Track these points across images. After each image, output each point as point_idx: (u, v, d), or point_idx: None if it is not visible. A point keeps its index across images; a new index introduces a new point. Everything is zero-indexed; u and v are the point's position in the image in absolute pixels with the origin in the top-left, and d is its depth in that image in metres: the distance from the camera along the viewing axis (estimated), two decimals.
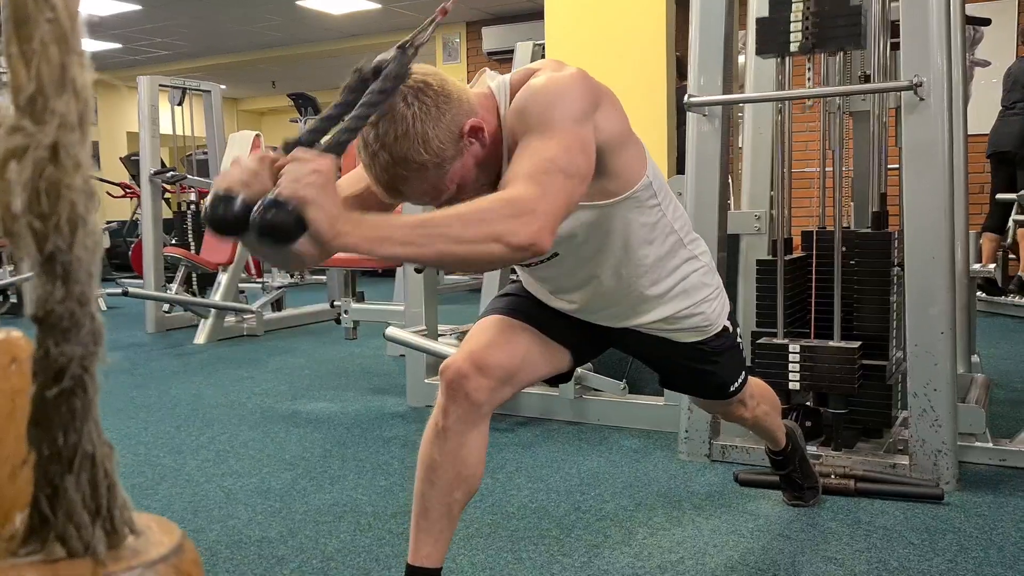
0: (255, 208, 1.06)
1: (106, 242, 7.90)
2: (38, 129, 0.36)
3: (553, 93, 1.33)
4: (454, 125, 1.32)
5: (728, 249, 2.80)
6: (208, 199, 1.11)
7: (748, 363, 2.65)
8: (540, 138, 1.28)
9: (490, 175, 1.40)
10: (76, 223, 0.38)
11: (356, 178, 1.46)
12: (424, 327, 3.49)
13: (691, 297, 1.64)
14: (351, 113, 1.20)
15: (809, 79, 2.66)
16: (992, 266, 3.54)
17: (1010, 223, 5.87)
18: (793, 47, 2.48)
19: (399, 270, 4.53)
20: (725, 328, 1.73)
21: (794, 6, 2.48)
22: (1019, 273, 5.59)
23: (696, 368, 1.76)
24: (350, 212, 1.09)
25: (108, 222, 9.03)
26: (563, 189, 1.24)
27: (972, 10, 5.12)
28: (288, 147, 1.16)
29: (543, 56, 4.68)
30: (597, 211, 1.47)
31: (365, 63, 1.23)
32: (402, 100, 1.29)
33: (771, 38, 2.53)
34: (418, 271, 4.39)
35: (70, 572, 0.39)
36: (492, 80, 1.45)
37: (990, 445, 2.57)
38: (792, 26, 2.48)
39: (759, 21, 2.58)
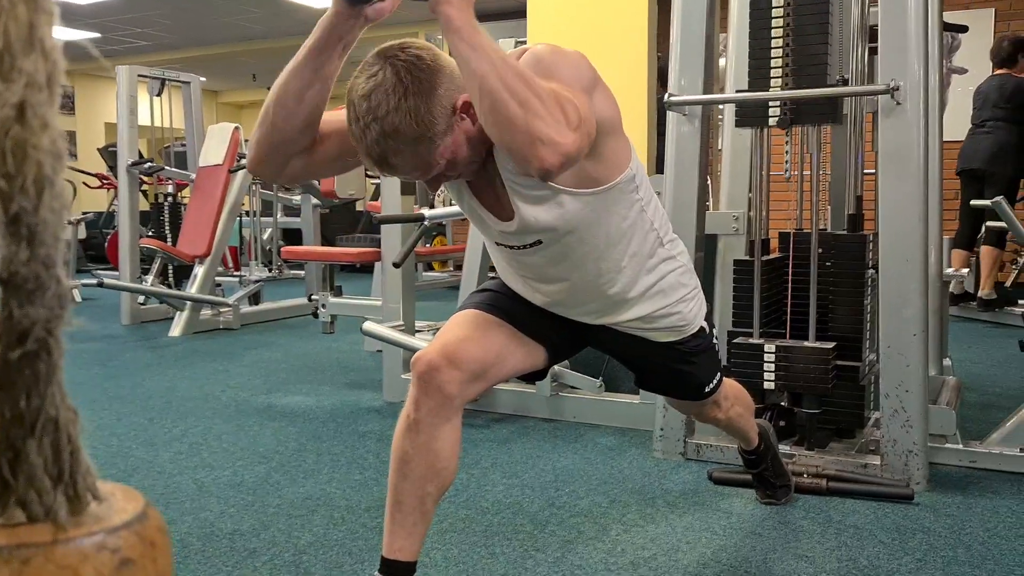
0: None
1: (82, 233, 7.83)
2: (4, 87, 0.36)
3: (561, 56, 1.36)
4: (446, 100, 1.32)
5: (706, 249, 2.82)
6: None
7: (723, 363, 2.67)
8: (561, 86, 1.28)
9: (481, 152, 1.40)
10: (43, 184, 0.37)
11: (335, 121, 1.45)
12: (402, 322, 3.48)
13: (668, 296, 1.65)
14: None
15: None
16: (965, 271, 3.58)
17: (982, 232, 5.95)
18: (772, 121, 2.54)
19: (377, 265, 4.51)
20: (702, 329, 1.73)
21: (773, 83, 2.51)
22: (980, 294, 5.64)
23: (672, 368, 1.76)
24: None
25: (84, 213, 8.93)
26: (583, 139, 1.26)
27: (950, 17, 5.18)
28: None
29: None
30: (581, 199, 1.47)
31: None
32: (394, 73, 1.29)
33: (750, 113, 2.58)
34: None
35: (30, 537, 0.38)
36: None
37: (960, 447, 2.60)
38: (771, 108, 2.53)
39: (739, 102, 2.63)
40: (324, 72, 1.35)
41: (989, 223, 5.27)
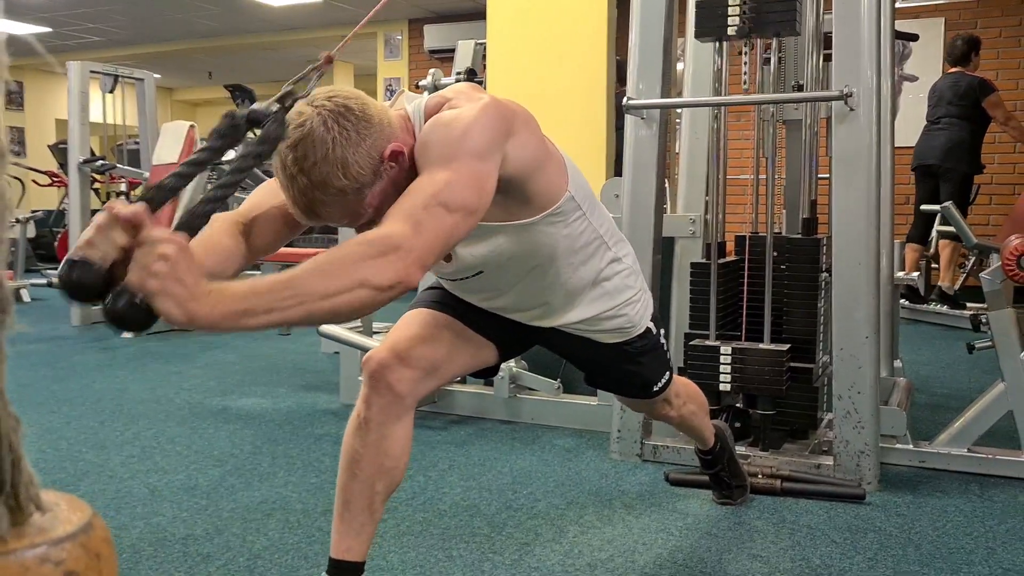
0: (107, 300, 1.01)
1: (31, 232, 7.65)
2: None
3: (457, 128, 1.29)
4: (374, 150, 1.30)
5: (663, 251, 2.84)
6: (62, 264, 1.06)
7: (681, 364, 2.69)
8: (432, 173, 1.25)
9: None
10: None
11: (270, 194, 1.42)
12: (359, 323, 3.46)
13: (614, 299, 1.65)
14: (219, 180, 1.15)
15: (745, 81, 2.70)
16: (915, 274, 3.65)
17: (933, 234, 6.07)
18: (731, 31, 2.52)
19: None
20: (648, 330, 1.74)
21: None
22: (939, 284, 5.77)
23: (619, 368, 1.78)
24: (208, 289, 1.00)
25: (34, 211, 8.74)
26: (442, 224, 1.19)
27: (901, 26, 5.28)
28: (146, 198, 1.09)
29: (484, 56, 4.69)
30: (519, 229, 1.46)
31: (240, 110, 1.16)
32: (322, 124, 1.26)
33: (709, 22, 2.56)
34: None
35: None
36: (409, 103, 1.43)
37: (910, 447, 2.65)
38: (730, 11, 2.52)
39: (698, 5, 2.60)
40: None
41: (939, 227, 5.39)
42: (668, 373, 1.85)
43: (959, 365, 4.34)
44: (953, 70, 5.76)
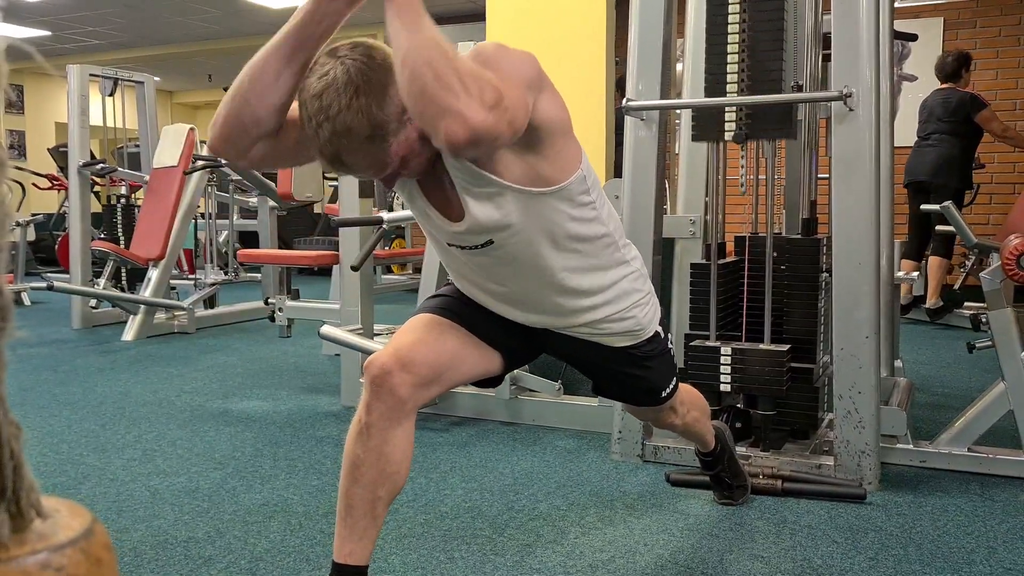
0: None
1: (31, 235, 7.66)
2: None
3: (505, 53, 1.36)
4: (398, 98, 1.30)
5: (663, 252, 2.84)
6: None
7: (681, 364, 2.69)
8: (500, 74, 1.28)
9: (434, 149, 1.39)
10: None
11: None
12: (360, 326, 3.46)
13: (623, 301, 1.65)
14: None
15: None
16: (915, 274, 3.65)
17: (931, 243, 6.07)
18: (727, 136, 2.56)
19: (335, 268, 4.48)
20: (656, 333, 1.74)
21: (729, 92, 2.55)
22: (927, 304, 5.75)
23: (627, 373, 1.77)
24: None
25: (34, 214, 8.74)
26: (502, 122, 1.23)
27: (900, 26, 5.28)
28: None
29: None
30: (530, 198, 1.46)
31: None
32: (345, 72, 1.28)
33: (707, 127, 2.61)
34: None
35: None
36: None
37: (911, 447, 2.66)
38: (727, 116, 2.56)
39: (695, 110, 2.65)
40: (303, 54, 1.33)
41: (938, 228, 5.39)
42: (675, 380, 1.84)
43: (959, 365, 4.34)
44: (944, 86, 5.76)
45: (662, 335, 1.76)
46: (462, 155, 1.31)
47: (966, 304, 5.74)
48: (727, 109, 2.56)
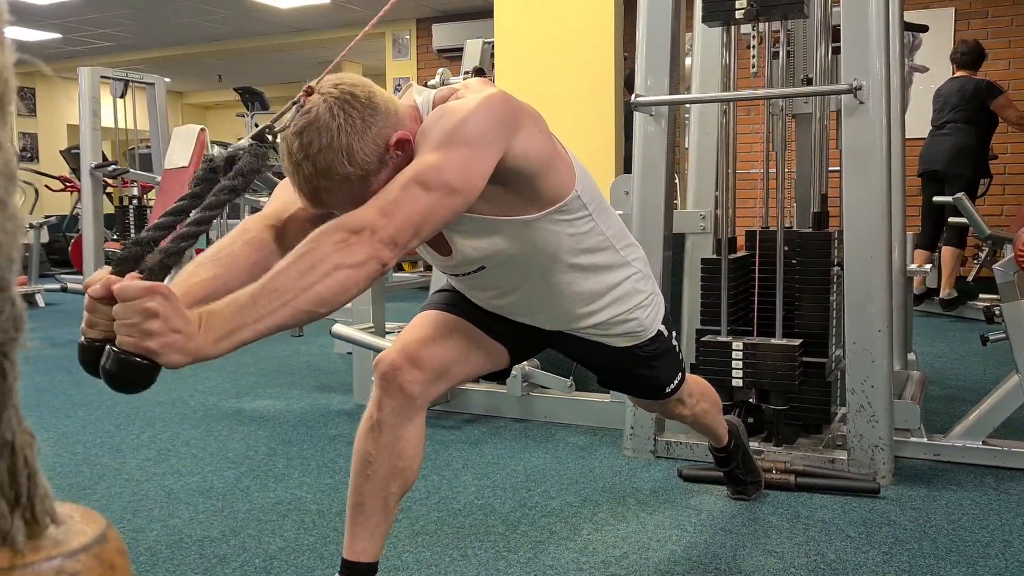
0: (101, 362, 1.01)
1: (45, 237, 7.71)
2: None
3: (456, 116, 1.29)
4: (380, 138, 1.30)
5: (673, 248, 2.83)
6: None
7: (692, 360, 2.69)
8: (421, 157, 1.26)
9: None
10: None
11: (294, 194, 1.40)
12: (371, 324, 3.47)
13: (625, 303, 1.65)
14: (192, 215, 1.14)
15: (753, 68, 2.69)
16: (928, 266, 3.64)
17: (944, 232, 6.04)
18: (738, 14, 2.51)
19: None
20: (660, 332, 1.73)
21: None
22: (941, 295, 5.72)
23: (631, 371, 1.77)
24: (196, 320, 1.03)
25: (47, 216, 8.80)
26: (416, 203, 1.20)
27: (910, 17, 5.25)
28: (118, 262, 1.11)
29: (492, 54, 4.69)
30: (520, 227, 1.45)
31: (218, 154, 1.17)
32: (327, 110, 1.26)
33: (717, 6, 2.55)
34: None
35: None
36: (419, 95, 1.43)
37: (925, 440, 2.64)
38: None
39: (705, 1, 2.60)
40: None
41: (951, 219, 5.35)
42: (680, 375, 1.84)
43: (973, 357, 4.32)
44: (959, 74, 5.70)
45: (666, 333, 1.75)
46: (394, 263, 1.23)
47: (980, 296, 5.71)
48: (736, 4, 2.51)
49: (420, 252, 1.57)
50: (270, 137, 1.18)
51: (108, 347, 1.01)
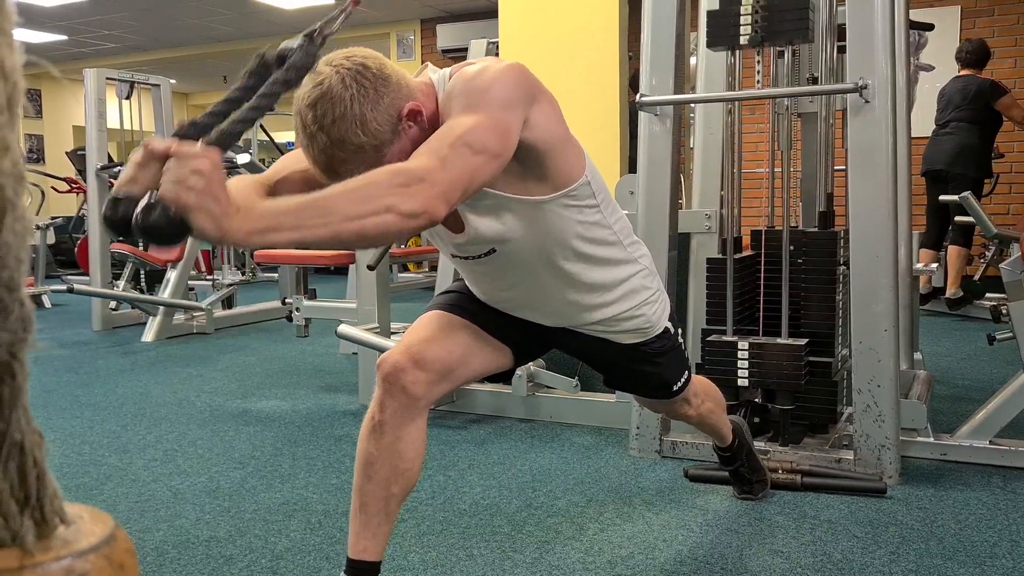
0: (137, 209, 1.02)
1: (51, 238, 7.73)
2: None
3: (483, 79, 1.33)
4: (392, 108, 1.32)
5: (679, 247, 2.83)
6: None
7: (698, 360, 2.69)
8: (458, 117, 1.28)
9: None
10: (4, 208, 0.37)
11: (294, 160, 1.44)
12: (377, 324, 3.47)
13: (631, 300, 1.65)
14: (248, 103, 1.16)
15: (758, 82, 2.70)
16: (934, 265, 3.63)
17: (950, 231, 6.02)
18: (743, 40, 2.51)
19: (352, 267, 4.49)
20: (666, 330, 1.74)
21: (744, 0, 2.51)
22: (947, 294, 5.70)
23: (638, 369, 1.77)
24: (236, 205, 1.04)
25: (53, 218, 8.82)
26: (466, 163, 1.22)
27: (916, 15, 5.24)
28: (181, 132, 1.13)
29: (496, 54, 4.69)
30: (532, 207, 1.47)
31: (269, 49, 1.19)
32: (340, 81, 1.29)
33: (721, 31, 2.56)
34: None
35: None
36: (434, 73, 1.46)
37: (931, 440, 2.64)
38: (742, 19, 2.51)
39: (710, 14, 2.61)
40: None
41: (958, 218, 5.34)
42: (687, 373, 1.84)
43: (980, 356, 4.30)
44: (963, 72, 5.67)
45: (672, 331, 1.76)
46: (443, 218, 1.23)
47: (987, 295, 5.69)
48: (742, 12, 2.51)
49: (430, 236, 1.58)
50: (318, 38, 1.20)
51: (148, 194, 1.03)
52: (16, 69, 0.37)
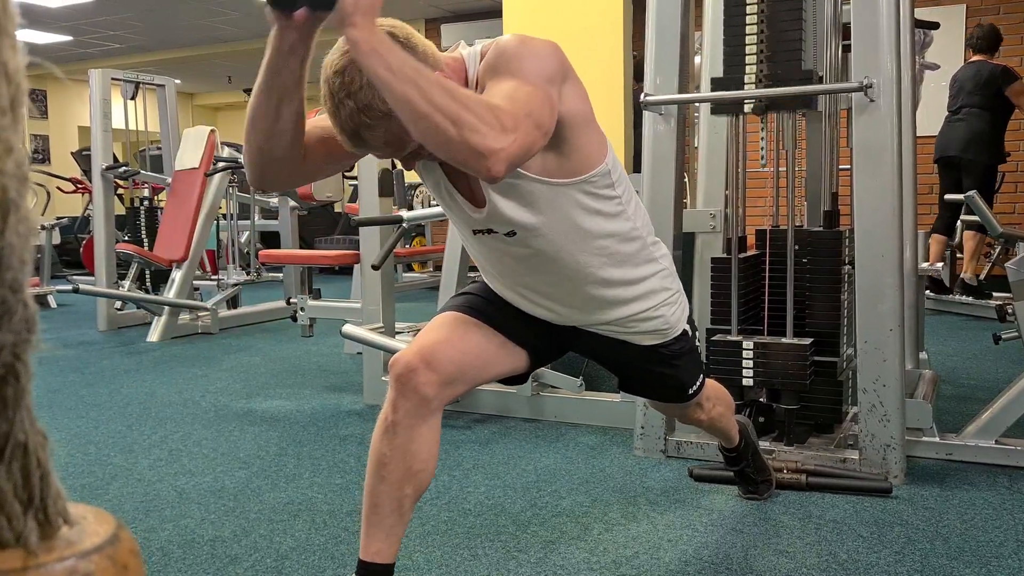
0: None
1: (56, 238, 7.75)
2: None
3: (527, 48, 1.36)
4: None
5: (683, 247, 2.83)
6: None
7: (703, 360, 2.68)
8: (514, 80, 1.30)
9: None
10: (8, 209, 0.37)
11: (323, 121, 1.45)
12: (381, 324, 3.48)
13: (651, 299, 1.64)
14: None
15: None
16: (940, 265, 3.62)
17: (958, 224, 6.01)
18: (747, 108, 2.54)
19: (356, 267, 4.50)
20: (684, 331, 1.73)
21: (748, 69, 2.53)
22: (962, 275, 5.69)
23: (655, 371, 1.76)
24: (375, 17, 1.17)
25: (59, 218, 8.84)
26: (530, 136, 1.26)
27: (921, 14, 5.22)
28: None
29: None
30: (551, 189, 1.47)
31: None
32: None
33: (725, 103, 2.59)
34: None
35: (1, 563, 0.38)
36: (464, 49, 1.47)
37: (937, 439, 2.63)
38: (746, 88, 2.54)
39: (714, 81, 2.63)
40: (288, 87, 1.33)
41: (965, 217, 5.32)
42: (702, 376, 1.83)
43: (985, 356, 4.29)
44: (975, 58, 5.66)
45: (690, 332, 1.75)
46: (502, 179, 1.29)
47: (993, 294, 5.68)
48: (746, 81, 2.54)
49: (452, 216, 1.58)
50: None
51: None
52: (20, 70, 0.37)
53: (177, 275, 5.52)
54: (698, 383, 1.82)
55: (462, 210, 1.53)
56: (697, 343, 1.80)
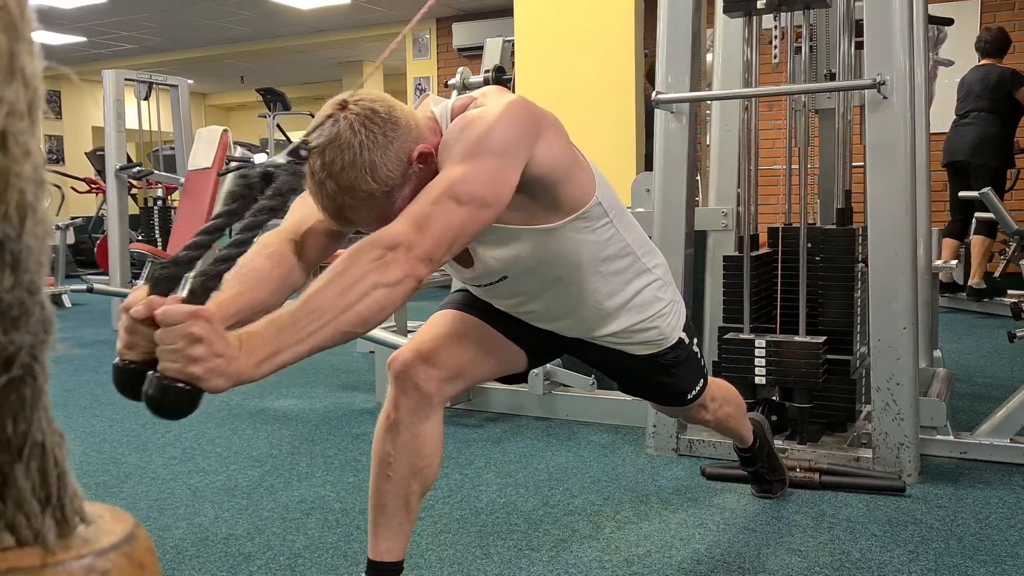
0: (145, 387, 1.00)
1: (71, 238, 7.81)
2: None
3: (479, 126, 1.28)
4: (402, 152, 1.29)
5: (695, 245, 2.82)
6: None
7: (715, 358, 2.68)
8: (448, 169, 1.25)
9: None
10: (25, 211, 0.37)
11: (311, 208, 1.38)
12: (393, 323, 3.48)
13: (644, 312, 1.63)
14: (232, 239, 1.11)
15: (776, 56, 2.67)
16: (954, 262, 3.60)
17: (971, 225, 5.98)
18: (760, 4, 2.49)
19: None
20: (680, 340, 1.71)
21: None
22: (970, 282, 5.66)
23: (652, 379, 1.76)
24: (237, 343, 1.01)
25: (73, 218, 8.90)
26: (451, 217, 1.19)
27: (935, 10, 5.19)
28: (157, 280, 1.09)
29: (512, 53, 4.69)
30: (543, 235, 1.45)
31: (251, 169, 1.13)
32: (348, 127, 1.25)
33: None
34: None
35: (19, 561, 0.38)
36: (436, 105, 1.43)
37: (951, 438, 2.62)
38: None
39: None
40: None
41: (978, 214, 5.29)
42: (702, 381, 1.82)
43: (1000, 354, 4.27)
44: (983, 62, 5.62)
45: (687, 341, 1.73)
46: (429, 273, 1.22)
47: (1008, 292, 5.64)
48: None
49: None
50: (304, 153, 1.17)
51: (150, 374, 1.00)
52: (37, 75, 0.38)
53: (189, 275, 5.53)
54: (698, 388, 1.81)
55: (452, 268, 1.54)
56: (696, 349, 1.78)
